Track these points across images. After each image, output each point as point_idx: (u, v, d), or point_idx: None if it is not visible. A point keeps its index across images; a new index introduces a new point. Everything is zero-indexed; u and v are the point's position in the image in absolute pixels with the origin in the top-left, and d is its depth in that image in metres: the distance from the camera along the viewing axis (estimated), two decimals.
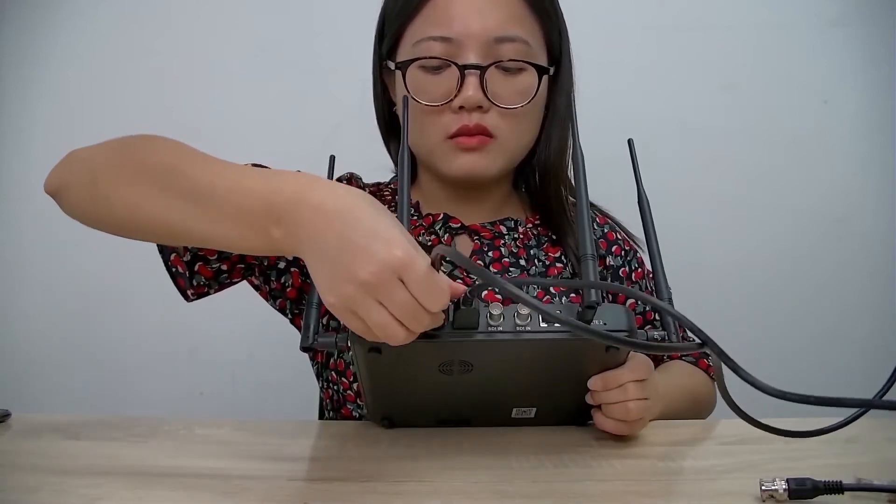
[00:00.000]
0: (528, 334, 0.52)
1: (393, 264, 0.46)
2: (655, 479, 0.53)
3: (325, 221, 0.48)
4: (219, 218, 0.53)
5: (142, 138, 0.61)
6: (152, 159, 0.58)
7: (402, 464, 0.55)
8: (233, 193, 0.52)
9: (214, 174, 0.54)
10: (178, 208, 0.54)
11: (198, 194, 0.54)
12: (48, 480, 0.50)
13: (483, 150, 0.73)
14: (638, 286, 0.84)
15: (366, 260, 0.46)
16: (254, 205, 0.51)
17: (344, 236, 0.47)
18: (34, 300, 1.31)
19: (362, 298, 0.47)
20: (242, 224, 0.52)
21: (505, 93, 0.72)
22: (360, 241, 0.47)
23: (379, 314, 0.47)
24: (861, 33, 1.29)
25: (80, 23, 1.28)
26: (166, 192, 0.55)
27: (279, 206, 0.50)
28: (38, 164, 1.30)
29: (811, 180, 1.30)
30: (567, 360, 0.56)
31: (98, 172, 0.60)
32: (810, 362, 1.27)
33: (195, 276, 0.71)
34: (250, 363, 1.30)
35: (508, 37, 0.72)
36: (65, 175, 0.62)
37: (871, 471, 0.49)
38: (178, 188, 0.54)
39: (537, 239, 0.82)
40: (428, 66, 0.72)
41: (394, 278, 0.46)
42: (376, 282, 0.46)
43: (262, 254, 0.60)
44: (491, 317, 0.53)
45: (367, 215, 0.48)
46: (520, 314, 0.52)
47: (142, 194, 0.56)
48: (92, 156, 0.62)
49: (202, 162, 0.56)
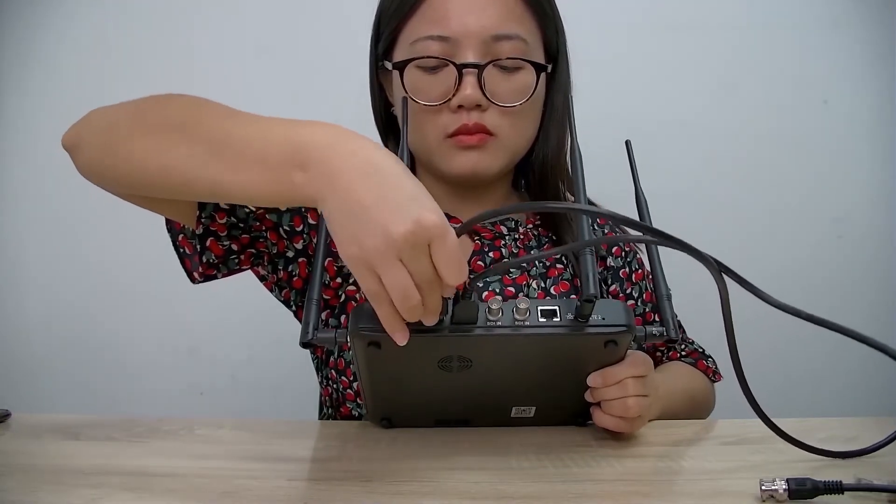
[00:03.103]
0: (527, 329, 0.52)
1: (429, 229, 0.45)
2: (655, 479, 0.53)
3: (362, 174, 0.47)
4: (239, 163, 0.52)
5: (165, 96, 0.60)
6: (172, 111, 0.58)
7: (402, 464, 0.55)
8: (255, 139, 0.52)
9: (237, 122, 0.54)
10: (197, 155, 0.53)
11: (218, 140, 0.53)
12: (48, 480, 0.50)
13: (483, 147, 0.73)
14: (638, 287, 0.84)
15: (403, 218, 0.45)
16: (278, 150, 0.50)
17: (382, 193, 0.46)
18: (34, 300, 1.31)
19: (387, 254, 0.46)
20: (264, 168, 0.50)
21: (503, 91, 0.72)
22: (400, 200, 0.46)
23: (400, 272, 0.46)
24: (861, 33, 1.28)
25: (79, 23, 1.28)
26: (185, 140, 0.54)
27: (306, 151, 0.49)
28: (38, 164, 1.31)
29: (811, 180, 1.30)
30: (566, 355, 0.56)
31: (115, 126, 0.59)
32: (809, 360, 1.27)
33: (205, 253, 0.71)
34: (250, 363, 1.30)
35: (506, 35, 0.71)
36: (82, 130, 0.62)
37: (871, 471, 0.49)
38: (198, 136, 0.54)
39: (538, 239, 0.82)
40: (425, 66, 0.72)
41: (424, 244, 0.46)
42: (406, 242, 0.45)
43: (279, 203, 0.58)
44: (490, 311, 0.53)
45: (407, 179, 0.48)
46: (518, 309, 0.52)
47: (158, 143, 0.55)
48: (111, 111, 0.61)
49: (225, 112, 0.56)
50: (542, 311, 0.53)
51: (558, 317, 0.53)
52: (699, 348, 0.86)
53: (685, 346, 0.86)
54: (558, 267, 0.80)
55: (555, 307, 0.53)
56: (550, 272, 0.79)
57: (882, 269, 1.29)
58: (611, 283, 0.83)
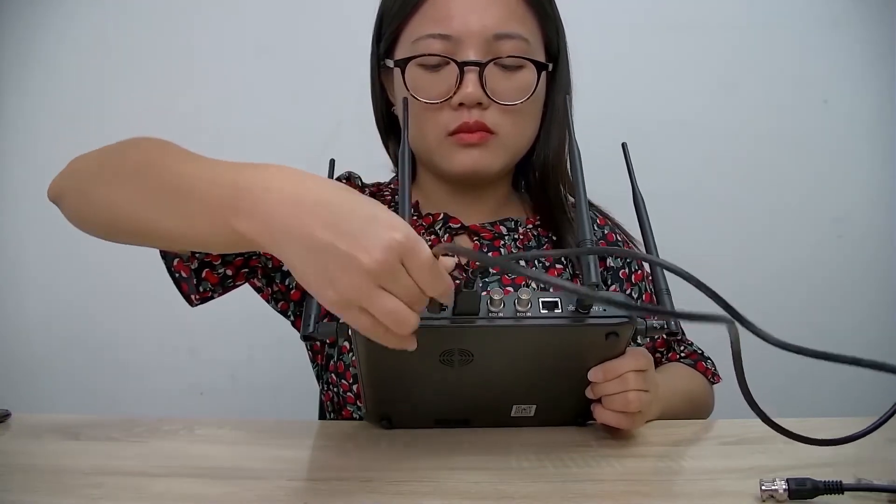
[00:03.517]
0: (529, 320, 0.53)
1: (398, 248, 0.44)
2: (655, 479, 0.53)
3: (306, 213, 0.45)
4: (185, 213, 0.51)
5: (132, 141, 0.61)
6: (132, 159, 0.58)
7: (402, 464, 0.54)
8: (197, 186, 0.50)
9: (185, 168, 0.52)
10: (149, 205, 0.53)
11: (166, 189, 0.52)
12: (48, 480, 0.50)
13: (484, 146, 0.73)
14: (638, 288, 0.84)
15: (369, 245, 0.44)
16: (215, 196, 0.48)
17: (337, 225, 0.45)
18: (34, 300, 1.31)
19: (368, 288, 0.44)
20: (205, 217, 0.49)
21: (504, 89, 0.72)
22: (358, 226, 0.44)
23: (387, 300, 0.45)
24: (861, 33, 1.28)
25: (79, 23, 1.28)
26: (139, 189, 0.54)
27: (241, 197, 0.47)
28: (38, 164, 1.30)
29: (811, 180, 1.29)
30: (566, 349, 0.56)
31: (86, 176, 0.60)
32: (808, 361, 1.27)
33: (202, 283, 0.71)
34: (250, 363, 1.30)
35: (507, 34, 0.72)
36: (62, 182, 0.63)
37: (871, 471, 0.49)
38: (149, 185, 0.54)
39: (537, 240, 0.82)
40: (427, 64, 0.72)
41: (397, 263, 0.44)
42: (381, 269, 0.44)
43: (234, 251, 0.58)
44: (492, 303, 0.53)
45: (357, 202, 0.46)
46: (520, 300, 0.53)
47: (118, 193, 0.56)
48: (85, 161, 0.62)
49: (178, 158, 0.55)
50: (544, 303, 0.53)
51: (560, 308, 0.53)
52: (698, 350, 0.86)
53: (684, 347, 0.86)
54: (557, 267, 0.80)
55: (556, 298, 0.53)
56: (550, 272, 0.79)
57: (882, 269, 1.29)
58: (611, 283, 0.83)
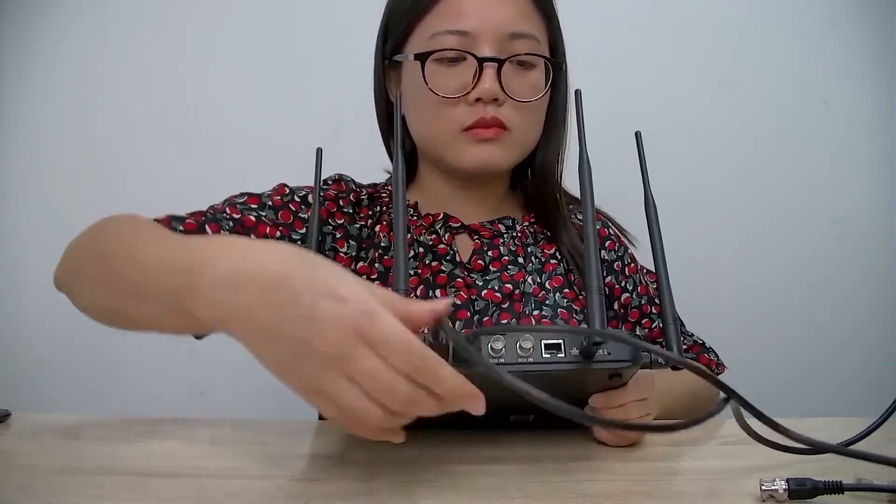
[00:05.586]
0: (531, 366, 0.51)
1: (353, 325, 0.39)
2: (655, 479, 0.53)
3: (252, 296, 0.41)
4: (151, 305, 0.49)
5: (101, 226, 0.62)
6: (103, 251, 0.59)
7: (403, 464, 0.54)
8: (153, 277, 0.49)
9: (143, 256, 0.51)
10: (125, 301, 0.53)
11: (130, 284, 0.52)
12: (48, 480, 0.50)
13: (499, 141, 0.74)
14: (632, 280, 0.84)
15: (319, 328, 0.39)
16: (168, 285, 0.46)
17: (283, 308, 0.40)
18: (34, 300, 1.31)
19: (328, 376, 0.39)
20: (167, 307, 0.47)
21: (518, 86, 0.73)
22: (305, 308, 0.39)
23: (348, 393, 0.39)
24: (861, 33, 1.29)
25: (79, 23, 1.28)
26: (112, 288, 0.55)
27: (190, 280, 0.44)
28: (38, 164, 1.30)
29: (811, 180, 1.30)
30: (569, 383, 0.55)
31: (74, 277, 0.62)
32: (809, 361, 1.27)
33: None
34: (250, 363, 1.30)
35: (522, 33, 0.73)
36: (62, 277, 0.64)
37: (871, 471, 0.48)
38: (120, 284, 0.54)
39: (534, 236, 0.83)
40: (443, 59, 0.73)
41: (358, 343, 0.39)
42: (338, 352, 0.39)
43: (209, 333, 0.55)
44: (493, 350, 0.51)
45: (310, 274, 0.41)
46: (522, 347, 0.51)
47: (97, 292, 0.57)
48: (73, 255, 0.63)
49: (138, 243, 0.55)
50: (547, 346, 0.52)
51: (563, 352, 0.51)
52: (699, 340, 0.86)
53: (685, 339, 0.86)
54: (552, 262, 0.81)
55: (559, 340, 0.52)
56: (546, 268, 0.80)
57: (882, 269, 1.29)
58: (606, 275, 0.83)
